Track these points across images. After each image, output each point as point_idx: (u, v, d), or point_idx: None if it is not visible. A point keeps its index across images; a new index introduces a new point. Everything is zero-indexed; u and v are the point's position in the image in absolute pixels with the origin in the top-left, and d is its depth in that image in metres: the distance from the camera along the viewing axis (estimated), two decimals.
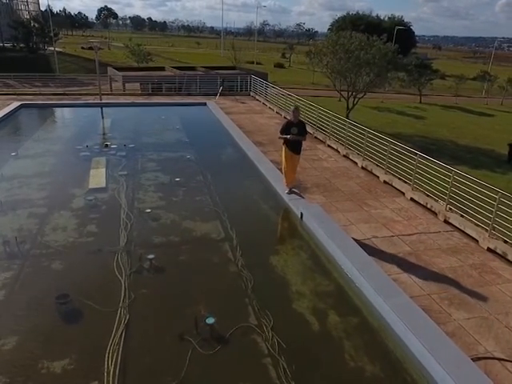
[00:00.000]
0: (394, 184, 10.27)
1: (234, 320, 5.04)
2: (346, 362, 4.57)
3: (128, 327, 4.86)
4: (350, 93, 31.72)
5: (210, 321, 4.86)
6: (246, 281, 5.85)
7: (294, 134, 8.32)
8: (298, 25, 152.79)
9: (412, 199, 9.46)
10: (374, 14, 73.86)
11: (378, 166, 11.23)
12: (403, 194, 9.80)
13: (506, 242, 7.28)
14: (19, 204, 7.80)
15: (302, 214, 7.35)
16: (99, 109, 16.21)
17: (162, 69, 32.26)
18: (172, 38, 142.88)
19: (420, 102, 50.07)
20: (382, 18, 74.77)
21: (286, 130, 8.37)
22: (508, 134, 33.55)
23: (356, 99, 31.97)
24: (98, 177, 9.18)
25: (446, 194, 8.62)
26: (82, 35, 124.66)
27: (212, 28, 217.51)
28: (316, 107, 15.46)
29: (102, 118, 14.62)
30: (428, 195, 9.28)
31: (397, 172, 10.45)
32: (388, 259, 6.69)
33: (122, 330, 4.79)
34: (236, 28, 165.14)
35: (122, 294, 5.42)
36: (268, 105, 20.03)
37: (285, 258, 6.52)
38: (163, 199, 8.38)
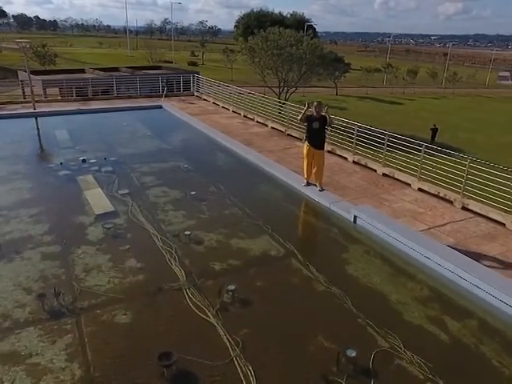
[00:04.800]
0: (396, 176, 10.43)
1: (361, 346, 4.53)
2: (493, 365, 4.37)
3: (258, 380, 4.07)
4: (281, 88, 32.17)
5: (352, 353, 4.28)
6: (341, 298, 5.36)
7: (316, 128, 8.18)
8: (201, 22, 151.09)
9: (420, 189, 9.68)
10: (266, 11, 75.04)
11: (372, 159, 11.36)
12: (409, 185, 9.99)
13: None
14: (20, 245, 6.21)
15: (355, 217, 7.01)
16: (44, 119, 13.91)
17: (82, 71, 29.23)
18: (66, 37, 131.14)
19: (336, 94, 53.02)
20: (284, 14, 77.32)
21: (308, 124, 8.26)
22: (422, 120, 37.14)
23: (288, 94, 32.53)
24: (98, 199, 7.78)
25: (460, 182, 8.97)
26: None
27: (109, 27, 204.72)
28: (282, 103, 15.25)
29: (54, 129, 12.59)
30: (438, 184, 9.58)
31: (396, 164, 10.67)
32: None
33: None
34: (135, 26, 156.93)
35: (226, 340, 4.56)
36: (220, 104, 19.24)
37: (361, 267, 6.12)
38: (190, 217, 7.38)
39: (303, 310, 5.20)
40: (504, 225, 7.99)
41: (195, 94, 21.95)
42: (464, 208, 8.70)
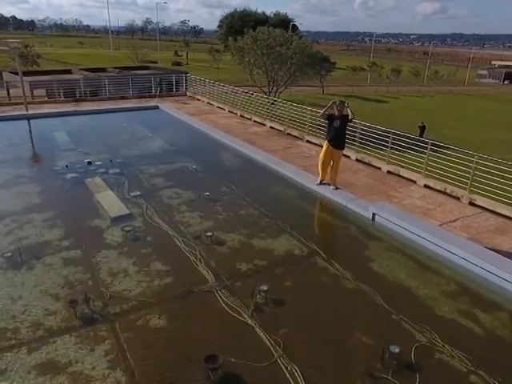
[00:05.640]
0: (401, 173, 10.56)
1: (400, 341, 4.55)
2: None
3: (306, 379, 4.06)
4: (271, 87, 32.27)
5: (395, 349, 4.31)
6: (371, 295, 5.39)
7: (336, 127, 8.24)
8: (183, 22, 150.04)
9: (426, 186, 9.83)
10: (250, 11, 74.87)
11: (376, 157, 11.48)
12: (414, 182, 10.12)
13: None
14: (39, 250, 6.03)
15: (373, 215, 7.07)
16: (38, 121, 13.53)
17: (69, 72, 28.63)
18: (45, 37, 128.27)
19: (323, 93, 53.38)
20: (267, 14, 77.39)
21: (328, 123, 8.33)
22: (407, 118, 37.76)
23: (278, 93, 32.64)
24: (111, 202, 7.63)
25: (465, 178, 9.13)
26: None
27: (89, 27, 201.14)
28: (285, 103, 15.26)
29: (52, 131, 12.28)
30: (444, 180, 9.74)
31: (400, 161, 10.80)
32: None
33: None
34: (116, 26, 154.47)
35: (266, 340, 4.53)
36: (215, 104, 19.13)
37: (385, 264, 6.17)
38: (207, 218, 7.31)
39: (337, 308, 5.22)
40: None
41: (188, 94, 21.78)
42: (471, 203, 8.86)
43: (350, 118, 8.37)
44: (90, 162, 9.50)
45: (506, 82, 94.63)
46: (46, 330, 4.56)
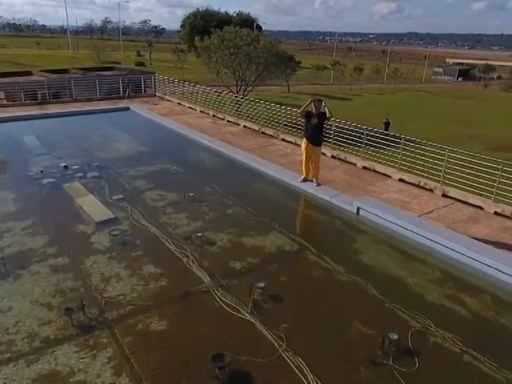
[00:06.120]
0: (376, 169, 10.91)
1: (395, 328, 4.74)
2: None
3: (312, 370, 4.16)
4: (239, 87, 32.31)
5: (393, 336, 4.49)
6: (364, 285, 5.58)
7: (314, 125, 8.40)
8: (144, 22, 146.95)
9: (401, 180, 10.21)
10: (212, 10, 74.38)
11: (351, 153, 11.78)
12: (389, 176, 10.49)
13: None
14: (24, 259, 5.79)
15: (358, 209, 7.29)
16: (3, 125, 12.89)
17: (29, 73, 27.41)
18: None
19: (288, 92, 54.06)
20: (230, 14, 77.23)
21: (306, 120, 8.47)
22: (371, 115, 38.88)
23: (246, 93, 32.70)
24: (93, 206, 7.42)
25: (440, 171, 9.57)
26: None
27: (44, 26, 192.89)
28: (259, 102, 15.36)
29: (20, 135, 11.72)
30: (418, 174, 10.15)
31: (375, 157, 11.16)
32: None
33: (309, 377, 4.09)
34: (74, 26, 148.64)
35: (269, 336, 4.59)
36: (186, 104, 18.94)
37: (373, 255, 6.38)
38: (194, 219, 7.27)
39: (332, 300, 5.36)
40: (483, 208, 8.67)
41: (157, 94, 21.43)
42: (444, 195, 9.28)
43: (327, 116, 8.58)
44: (66, 167, 9.18)
45: (459, 79, 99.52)
46: (43, 340, 4.41)
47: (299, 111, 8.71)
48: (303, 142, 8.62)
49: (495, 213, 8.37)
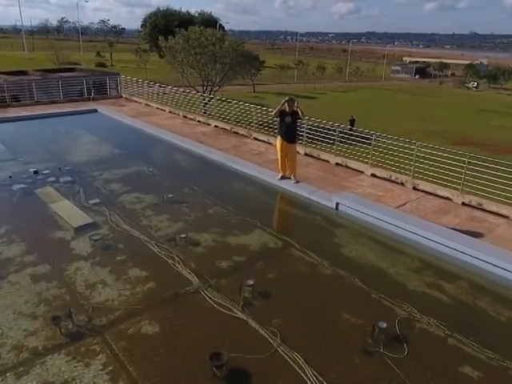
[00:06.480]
0: (348, 165, 11.20)
1: (383, 317, 4.92)
2: (490, 315, 5.12)
3: (308, 362, 4.26)
4: (205, 87, 32.09)
5: (383, 325, 4.66)
6: (349, 278, 5.74)
7: (288, 123, 8.52)
8: (103, 21, 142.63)
9: (373, 175, 10.55)
10: (173, 10, 73.44)
11: (324, 150, 12.03)
12: (362, 172, 10.81)
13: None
14: (1, 269, 5.54)
15: (337, 204, 7.47)
16: None
17: None
18: None
19: (254, 91, 54.25)
20: (192, 13, 76.51)
21: (280, 119, 8.57)
22: (336, 112, 39.75)
23: (213, 93, 32.55)
24: (70, 212, 7.18)
25: (410, 165, 9.95)
26: None
27: None
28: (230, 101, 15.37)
29: None
30: (389, 169, 10.52)
31: (347, 153, 11.46)
32: None
33: (306, 370, 4.18)
34: (29, 26, 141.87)
35: (263, 332, 4.64)
36: (154, 105, 18.65)
37: (355, 248, 6.57)
38: (176, 220, 7.20)
39: (321, 293, 5.48)
40: (451, 199, 9.12)
41: (124, 95, 20.95)
42: (415, 188, 9.67)
43: (300, 116, 8.76)
44: (36, 172, 8.82)
45: (416, 77, 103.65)
46: (31, 351, 4.25)
47: (273, 113, 8.79)
48: (278, 140, 8.73)
49: (463, 203, 8.82)
